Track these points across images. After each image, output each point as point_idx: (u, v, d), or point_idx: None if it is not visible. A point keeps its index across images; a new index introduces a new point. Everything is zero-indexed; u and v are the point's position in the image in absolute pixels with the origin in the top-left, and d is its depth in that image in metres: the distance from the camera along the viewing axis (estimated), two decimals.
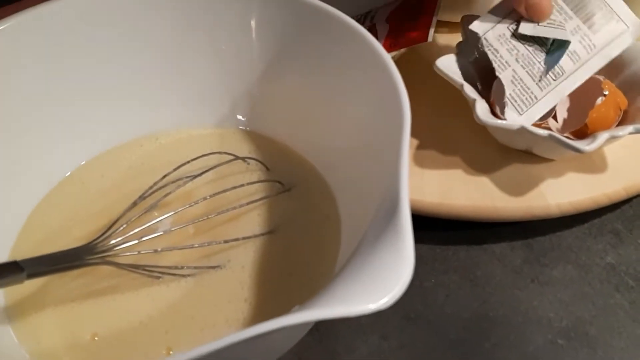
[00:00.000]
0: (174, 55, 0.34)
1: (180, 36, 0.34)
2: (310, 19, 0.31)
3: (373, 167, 0.27)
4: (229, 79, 0.35)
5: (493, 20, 0.37)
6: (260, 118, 0.36)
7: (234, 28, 0.33)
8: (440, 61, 0.36)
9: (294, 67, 0.33)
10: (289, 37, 0.33)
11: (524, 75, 0.35)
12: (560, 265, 0.36)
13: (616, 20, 0.35)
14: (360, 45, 0.29)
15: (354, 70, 0.30)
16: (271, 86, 0.35)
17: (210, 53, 0.34)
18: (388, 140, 0.25)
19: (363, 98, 0.30)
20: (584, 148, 0.31)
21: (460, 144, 0.38)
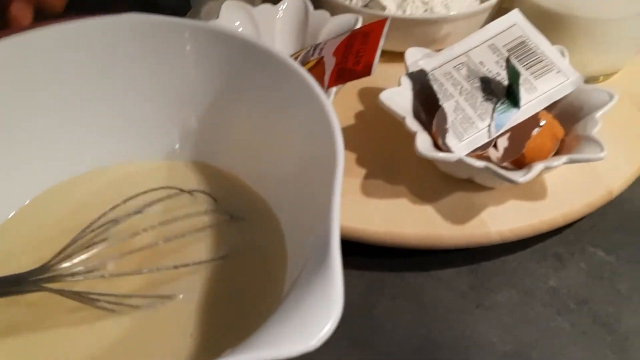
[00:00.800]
0: (120, 90, 0.34)
1: (125, 72, 0.34)
2: (248, 56, 0.32)
3: (311, 205, 0.28)
4: (174, 112, 0.35)
5: (441, 60, 0.39)
6: (209, 150, 0.37)
7: (175, 63, 0.33)
8: (384, 94, 0.37)
9: (237, 101, 0.34)
10: (229, 73, 0.33)
11: (466, 106, 0.37)
12: (505, 289, 0.37)
13: (557, 71, 0.37)
14: (297, 84, 0.30)
15: (292, 108, 0.31)
16: (217, 119, 0.35)
17: (156, 88, 0.35)
18: (323, 180, 0.26)
19: (302, 135, 0.30)
20: (518, 179, 0.32)
21: (405, 173, 0.39)
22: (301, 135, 0.30)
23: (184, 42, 0.32)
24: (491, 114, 0.36)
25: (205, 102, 0.34)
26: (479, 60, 0.38)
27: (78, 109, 0.34)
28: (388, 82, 0.41)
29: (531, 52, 0.38)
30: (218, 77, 0.33)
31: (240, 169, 0.36)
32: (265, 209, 0.34)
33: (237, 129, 0.35)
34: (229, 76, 0.33)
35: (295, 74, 0.30)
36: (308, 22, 0.45)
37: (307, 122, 0.29)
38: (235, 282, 0.31)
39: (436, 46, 0.46)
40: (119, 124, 0.35)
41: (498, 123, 0.36)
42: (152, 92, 0.34)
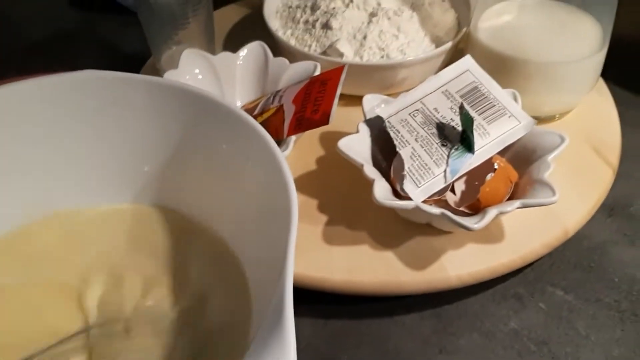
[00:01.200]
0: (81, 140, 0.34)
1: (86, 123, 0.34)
2: (203, 109, 0.32)
3: (270, 267, 0.28)
4: (135, 160, 0.35)
5: (396, 107, 0.40)
6: (171, 195, 0.36)
7: (133, 115, 0.34)
8: (342, 142, 0.38)
9: (194, 152, 0.34)
10: (185, 125, 0.33)
11: (422, 153, 0.37)
12: (467, 333, 0.37)
13: (508, 115, 0.38)
14: (252, 137, 0.30)
15: (248, 161, 0.31)
16: (176, 167, 0.35)
17: (116, 137, 0.34)
18: (279, 242, 0.26)
19: (258, 188, 0.30)
20: (473, 226, 0.33)
21: (366, 219, 0.40)
22: (258, 188, 0.30)
23: (139, 96, 0.33)
24: (446, 160, 0.37)
25: (164, 152, 0.34)
26: (434, 106, 0.39)
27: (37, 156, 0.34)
28: (348, 126, 0.42)
29: (483, 97, 0.39)
30: (174, 129, 0.33)
31: (203, 214, 0.35)
32: (228, 253, 0.34)
33: (197, 177, 0.35)
34: (185, 128, 0.33)
35: (250, 128, 0.30)
36: (268, 69, 0.46)
37: (263, 176, 0.29)
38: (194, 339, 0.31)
39: (394, 89, 0.47)
40: (80, 170, 0.35)
41: (453, 168, 0.37)
42: (112, 142, 0.34)
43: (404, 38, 0.47)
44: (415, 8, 0.50)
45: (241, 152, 0.31)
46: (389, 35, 0.47)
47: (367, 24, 0.48)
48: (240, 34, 0.59)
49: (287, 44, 0.47)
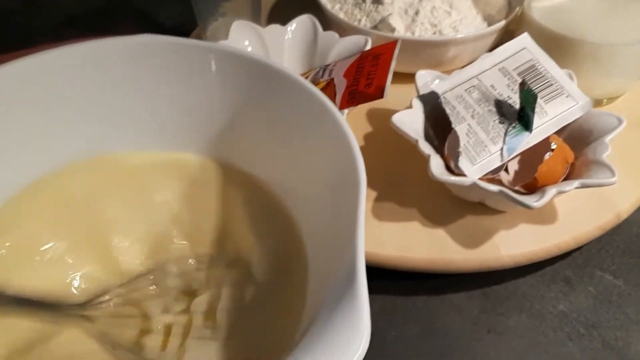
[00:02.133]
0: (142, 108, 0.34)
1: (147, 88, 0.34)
2: (265, 77, 0.32)
3: (335, 229, 0.27)
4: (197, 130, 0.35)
5: (452, 83, 0.39)
6: (234, 158, 0.36)
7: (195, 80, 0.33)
8: (396, 117, 0.37)
9: (255, 118, 0.34)
10: (247, 92, 0.33)
11: (479, 129, 0.37)
12: (515, 314, 0.37)
13: (566, 95, 0.38)
14: (314, 105, 0.29)
15: (310, 130, 0.31)
16: (238, 135, 0.35)
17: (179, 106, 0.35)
18: (346, 201, 0.26)
19: (323, 157, 0.30)
20: (533, 204, 0.32)
21: (417, 197, 0.39)
22: (321, 155, 0.30)
23: (208, 63, 0.32)
24: (503, 138, 0.36)
25: (225, 115, 0.34)
26: (490, 83, 0.38)
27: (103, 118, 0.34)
28: (397, 104, 0.41)
29: (541, 76, 0.38)
30: (238, 98, 0.33)
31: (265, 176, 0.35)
32: (292, 231, 0.34)
33: (261, 141, 0.34)
34: (249, 97, 0.33)
35: (313, 97, 0.30)
36: (317, 43, 0.45)
37: (328, 145, 0.29)
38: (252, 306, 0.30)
39: (444, 67, 0.46)
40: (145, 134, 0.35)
41: (510, 146, 0.36)
42: (174, 112, 0.34)
43: (456, 15, 0.46)
44: None
45: (304, 119, 0.31)
46: (441, 11, 0.46)
47: (419, 0, 0.47)
48: (287, 7, 0.58)
49: (338, 17, 0.47)
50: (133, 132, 0.35)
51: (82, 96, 0.33)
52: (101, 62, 0.33)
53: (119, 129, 0.35)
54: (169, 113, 0.35)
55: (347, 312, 0.22)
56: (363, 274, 0.22)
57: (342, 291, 0.23)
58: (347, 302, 0.22)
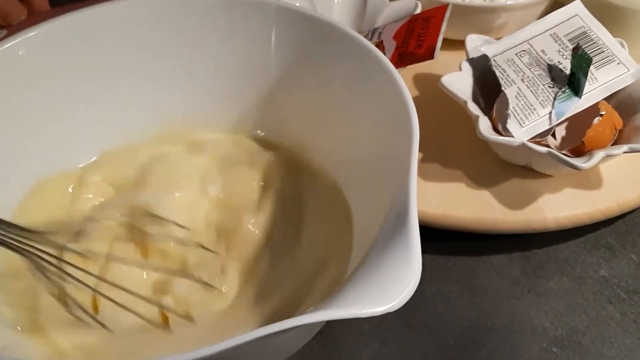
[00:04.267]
0: (199, 60, 0.36)
1: (204, 44, 0.35)
2: (322, 34, 0.33)
3: (384, 177, 0.28)
4: (245, 85, 0.36)
5: (503, 46, 0.39)
6: (276, 125, 0.37)
7: (251, 37, 0.35)
8: (445, 78, 0.38)
9: (308, 77, 0.35)
10: (302, 50, 0.34)
11: (528, 93, 0.37)
12: (556, 277, 0.37)
13: (617, 62, 0.38)
14: (370, 62, 0.30)
15: (364, 85, 0.32)
16: (286, 94, 0.36)
17: (233, 60, 0.36)
18: (398, 153, 0.27)
19: (374, 111, 0.31)
20: (581, 165, 0.33)
21: (462, 158, 0.40)
22: (374, 112, 0.31)
23: (267, 19, 0.33)
24: (552, 102, 0.36)
25: (276, 77, 0.35)
26: (541, 48, 0.38)
27: (156, 75, 0.35)
28: (443, 69, 0.42)
29: (593, 43, 0.38)
30: (291, 53, 0.34)
31: (306, 143, 0.36)
32: (331, 181, 0.35)
33: (307, 105, 0.35)
34: (303, 53, 0.34)
35: (369, 53, 0.30)
36: (366, 7, 0.46)
37: (380, 99, 0.30)
38: (301, 252, 0.32)
39: (492, 35, 0.46)
40: (196, 90, 0.36)
41: (559, 110, 0.36)
42: (228, 64, 0.35)
43: None
44: None
45: (358, 75, 0.32)
46: None
47: None
48: None
49: None
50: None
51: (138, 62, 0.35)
52: (159, 20, 0.34)
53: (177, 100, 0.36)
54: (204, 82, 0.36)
55: (399, 249, 0.23)
56: (415, 216, 0.23)
57: (394, 231, 0.23)
58: (400, 240, 0.23)
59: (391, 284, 0.21)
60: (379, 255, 0.23)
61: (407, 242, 0.23)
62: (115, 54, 0.34)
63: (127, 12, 0.33)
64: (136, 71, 0.34)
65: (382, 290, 0.21)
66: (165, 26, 0.34)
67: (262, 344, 0.20)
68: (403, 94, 0.28)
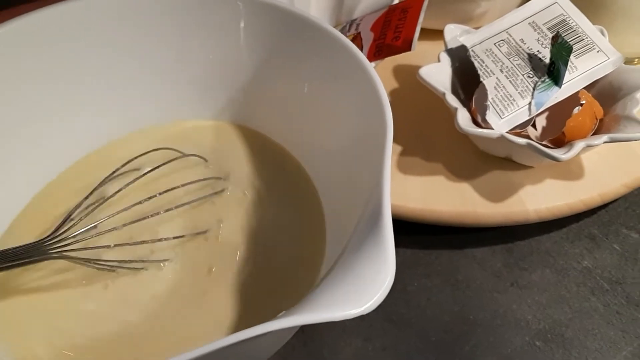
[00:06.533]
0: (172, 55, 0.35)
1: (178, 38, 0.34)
2: (296, 27, 0.32)
3: (358, 173, 0.28)
4: (222, 76, 0.36)
5: (481, 36, 0.39)
6: (254, 115, 0.37)
7: (224, 31, 0.34)
8: (423, 70, 0.37)
9: (282, 70, 0.34)
10: (276, 43, 0.33)
11: (507, 83, 0.36)
12: (539, 269, 0.37)
13: (597, 50, 0.37)
14: (344, 56, 0.30)
15: (339, 79, 0.31)
16: (262, 85, 0.35)
17: (207, 53, 0.35)
18: (372, 149, 0.26)
19: (348, 105, 0.30)
20: (561, 156, 0.32)
21: (442, 151, 0.39)
22: (348, 106, 0.30)
23: (237, 13, 0.33)
24: (531, 92, 0.36)
25: (252, 69, 0.35)
26: (520, 37, 0.38)
27: (130, 71, 0.35)
28: (424, 60, 0.41)
29: (572, 31, 0.38)
30: (265, 47, 0.34)
31: (282, 135, 0.36)
32: (304, 177, 0.34)
33: (282, 97, 0.35)
34: (277, 46, 0.33)
35: (342, 46, 0.30)
36: None
37: (354, 93, 0.29)
38: (271, 252, 0.31)
39: (472, 24, 0.45)
40: (168, 85, 0.36)
41: (538, 101, 0.36)
42: (202, 58, 0.35)
43: None
44: None
45: (334, 71, 0.31)
46: None
47: None
48: None
49: None
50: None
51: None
52: (128, 16, 0.33)
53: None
54: (185, 75, 0.36)
55: (373, 249, 0.22)
56: (388, 214, 0.23)
57: (368, 231, 0.23)
58: (373, 240, 0.22)
59: (365, 285, 0.21)
60: (353, 256, 0.23)
61: (381, 242, 0.22)
62: (78, 55, 0.33)
63: (93, 10, 0.32)
64: (105, 72, 0.34)
65: (355, 292, 0.21)
66: (136, 24, 0.33)
67: (235, 350, 0.20)
68: (378, 92, 0.27)
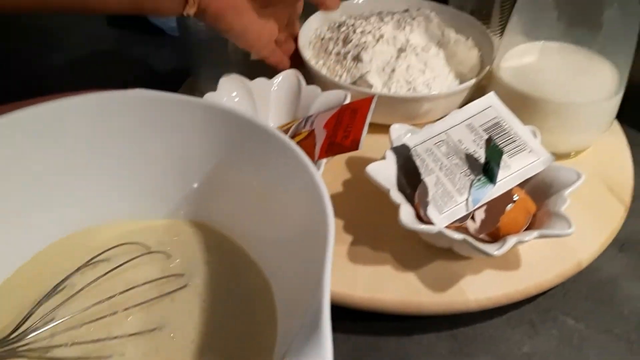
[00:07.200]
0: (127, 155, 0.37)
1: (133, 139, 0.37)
2: (249, 131, 0.34)
3: (303, 276, 0.29)
4: (179, 175, 0.38)
5: (422, 137, 0.42)
6: (208, 212, 0.39)
7: (179, 134, 0.36)
8: (370, 167, 0.40)
9: (236, 170, 0.36)
10: (228, 145, 0.36)
11: (446, 181, 0.40)
12: (482, 355, 0.39)
13: (529, 151, 0.41)
14: (290, 158, 0.32)
15: (285, 178, 0.33)
16: (216, 184, 0.38)
17: (161, 153, 0.37)
18: (315, 250, 0.28)
19: (294, 206, 0.33)
20: (493, 253, 0.35)
21: (390, 241, 0.42)
22: (294, 206, 0.32)
23: (186, 116, 0.35)
24: (469, 189, 0.39)
25: (206, 169, 0.37)
26: (458, 138, 0.41)
27: (86, 170, 0.36)
28: (374, 152, 0.44)
29: (505, 133, 0.42)
30: (217, 148, 0.36)
31: (236, 231, 0.38)
32: (257, 272, 0.36)
33: (234, 195, 0.37)
34: (227, 148, 0.36)
35: (288, 149, 0.32)
36: (301, 96, 0.49)
37: (300, 194, 0.31)
38: (221, 348, 0.32)
39: (418, 120, 0.50)
40: (124, 184, 0.38)
41: (475, 197, 0.39)
42: (157, 157, 0.37)
43: (430, 73, 0.50)
44: (441, 45, 0.53)
45: (280, 171, 0.34)
46: (416, 70, 0.50)
47: (395, 59, 0.50)
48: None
49: (320, 73, 0.50)
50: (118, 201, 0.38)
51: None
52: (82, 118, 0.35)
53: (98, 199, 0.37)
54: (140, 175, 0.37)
55: (312, 352, 0.23)
56: (328, 323, 0.24)
57: (307, 338, 0.24)
58: (312, 349, 0.24)
59: None
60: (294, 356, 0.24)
61: (319, 345, 0.24)
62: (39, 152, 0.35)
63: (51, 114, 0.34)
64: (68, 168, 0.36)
65: None
66: (92, 124, 0.35)
67: None
68: (322, 199, 0.29)
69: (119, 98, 0.36)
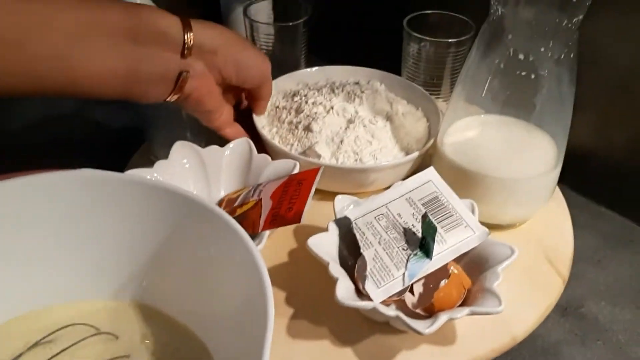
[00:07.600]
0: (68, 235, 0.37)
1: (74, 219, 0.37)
2: (192, 210, 0.35)
3: (246, 353, 0.30)
4: (124, 257, 0.38)
5: (363, 210, 0.43)
6: (150, 292, 0.39)
7: (120, 212, 0.37)
8: (312, 240, 0.41)
9: (178, 246, 0.37)
10: (169, 223, 0.36)
11: (384, 255, 0.41)
12: None
13: (465, 225, 0.42)
14: (233, 239, 0.33)
15: (226, 257, 0.34)
16: (158, 262, 0.38)
17: (101, 234, 0.38)
18: (255, 330, 0.29)
19: (237, 285, 0.33)
20: (424, 331, 0.36)
21: (330, 315, 0.43)
22: (235, 284, 0.33)
23: (128, 195, 0.36)
24: (406, 263, 0.40)
25: (150, 248, 0.38)
26: (397, 212, 0.43)
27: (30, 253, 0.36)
28: (321, 219, 0.45)
29: (443, 207, 0.43)
30: (161, 227, 0.37)
31: (181, 309, 0.38)
32: (202, 350, 0.36)
33: (178, 273, 0.38)
34: (171, 226, 0.36)
35: (228, 226, 0.33)
36: (251, 164, 0.50)
37: (240, 272, 0.32)
38: None
39: (365, 189, 0.51)
40: (65, 265, 0.38)
41: (411, 272, 0.40)
42: (98, 238, 0.37)
43: (377, 144, 0.52)
44: (389, 117, 0.55)
45: (220, 249, 0.34)
46: (363, 140, 0.52)
47: (344, 129, 0.52)
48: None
49: (271, 142, 0.52)
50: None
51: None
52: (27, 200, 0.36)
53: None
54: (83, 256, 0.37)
55: None
56: None
57: None
58: None
59: None
60: None
61: None
62: None
63: None
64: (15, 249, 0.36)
65: None
66: (36, 205, 0.36)
67: None
68: (262, 279, 0.30)
69: (63, 179, 0.36)
